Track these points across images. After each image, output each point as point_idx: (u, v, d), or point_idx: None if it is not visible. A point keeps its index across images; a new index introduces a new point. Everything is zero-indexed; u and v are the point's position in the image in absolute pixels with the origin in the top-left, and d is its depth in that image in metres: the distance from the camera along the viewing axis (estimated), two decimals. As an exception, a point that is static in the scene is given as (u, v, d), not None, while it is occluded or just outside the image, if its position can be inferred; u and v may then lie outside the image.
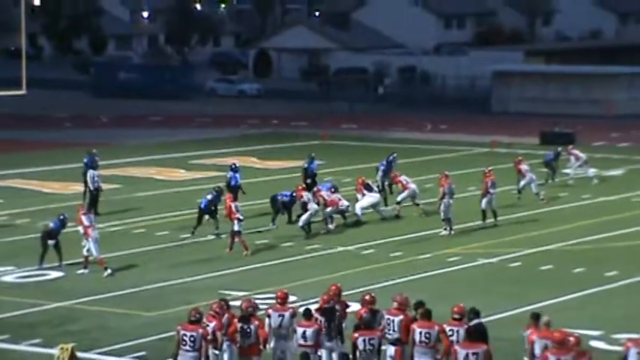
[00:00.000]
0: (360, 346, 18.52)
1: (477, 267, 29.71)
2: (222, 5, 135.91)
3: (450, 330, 18.34)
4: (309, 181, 38.05)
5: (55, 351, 22.01)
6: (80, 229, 28.86)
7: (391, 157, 39.52)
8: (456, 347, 17.78)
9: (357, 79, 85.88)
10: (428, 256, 30.72)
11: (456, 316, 18.49)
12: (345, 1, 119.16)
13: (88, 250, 28.58)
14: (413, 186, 36.05)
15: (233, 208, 30.80)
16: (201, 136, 58.52)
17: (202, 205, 32.77)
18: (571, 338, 17.54)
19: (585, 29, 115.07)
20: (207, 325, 19.12)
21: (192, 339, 18.47)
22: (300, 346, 19.02)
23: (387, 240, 32.71)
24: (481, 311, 19.09)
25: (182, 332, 18.56)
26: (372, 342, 18.53)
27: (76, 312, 25.35)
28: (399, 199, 36.23)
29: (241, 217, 30.83)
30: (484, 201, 34.33)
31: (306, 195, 33.32)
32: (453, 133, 60.09)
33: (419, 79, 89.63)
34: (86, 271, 28.64)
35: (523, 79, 73.77)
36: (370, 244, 32.22)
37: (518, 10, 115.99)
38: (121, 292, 26.93)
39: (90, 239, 28.49)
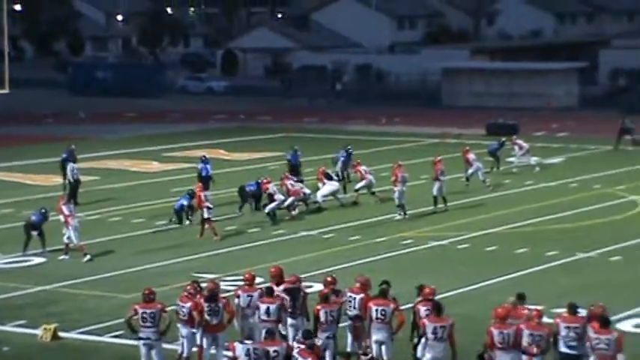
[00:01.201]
0: (322, 318, 18.71)
1: (428, 249, 29.78)
2: (192, 9, 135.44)
3: (426, 310, 18.32)
4: (292, 173, 37.28)
5: (38, 331, 21.95)
6: (61, 218, 28.70)
7: (350, 149, 39.52)
8: (425, 321, 17.88)
9: (317, 77, 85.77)
10: (384, 239, 30.76)
11: (430, 297, 18.53)
12: (305, 4, 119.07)
13: (69, 238, 28.41)
14: (370, 177, 36.07)
15: (203, 197, 30.73)
16: (173, 131, 58.28)
17: (176, 207, 32.55)
18: (533, 312, 17.69)
19: (526, 28, 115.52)
20: (183, 307, 19.11)
21: (152, 315, 18.64)
22: (263, 321, 19.03)
23: (346, 225, 32.73)
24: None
25: (141, 311, 18.68)
26: (332, 314, 18.80)
27: (58, 295, 25.21)
28: (357, 187, 36.25)
29: (211, 206, 30.75)
30: (435, 188, 34.42)
31: (272, 187, 33.26)
32: (406, 125, 60.15)
33: (374, 76, 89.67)
34: (67, 257, 28.48)
35: (470, 75, 73.97)
36: (331, 228, 32.22)
37: (464, 11, 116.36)
38: (99, 276, 26.79)
39: (70, 227, 28.33)
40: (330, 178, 35.91)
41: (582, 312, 18.16)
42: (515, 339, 17.34)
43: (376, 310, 18.54)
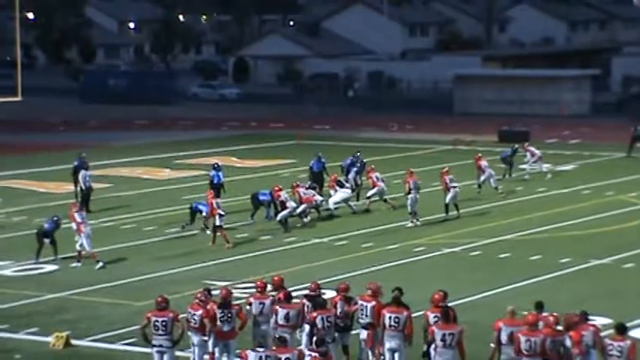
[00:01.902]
0: (319, 324, 18.70)
1: (441, 256, 29.70)
2: (204, 16, 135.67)
3: (434, 317, 18.20)
4: (309, 182, 37.07)
5: (50, 339, 21.93)
6: (73, 225, 28.71)
7: (359, 155, 39.39)
8: (434, 328, 17.78)
9: (329, 84, 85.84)
10: (396, 246, 30.69)
11: (438, 304, 18.40)
12: (317, 11, 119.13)
13: (81, 245, 28.41)
14: (382, 184, 35.95)
15: (215, 205, 30.71)
16: (185, 138, 58.31)
17: (194, 206, 32.45)
18: (550, 318, 17.54)
19: (538, 36, 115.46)
20: (194, 314, 19.07)
21: (164, 324, 18.63)
22: (280, 326, 18.99)
23: (359, 232, 32.66)
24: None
25: (154, 319, 18.69)
26: (329, 319, 18.79)
27: (70, 302, 25.20)
28: (368, 194, 36.18)
29: (223, 213, 30.72)
30: (448, 196, 34.31)
31: (284, 194, 33.19)
32: (418, 132, 60.08)
33: (386, 83, 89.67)
34: (79, 264, 28.47)
35: (482, 82, 73.86)
36: (343, 236, 32.16)
37: (475, 18, 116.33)
38: (111, 284, 26.77)
39: (82, 235, 28.32)
40: (341, 186, 35.86)
41: (594, 320, 18.05)
42: (542, 347, 17.16)
43: (389, 318, 18.43)
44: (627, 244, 30.62)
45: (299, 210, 33.28)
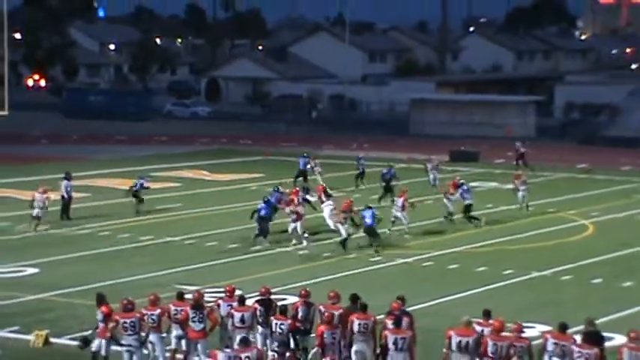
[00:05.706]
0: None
1: (395, 266, 29.81)
2: (179, 40, 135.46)
3: (392, 323, 18.15)
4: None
5: (30, 337, 21.81)
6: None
7: (306, 156, 38.66)
8: (386, 332, 17.82)
9: (294, 105, 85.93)
10: (354, 256, 30.76)
11: (396, 313, 18.48)
12: (284, 37, 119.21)
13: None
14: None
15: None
16: (160, 152, 58.14)
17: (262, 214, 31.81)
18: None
19: (488, 64, 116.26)
20: (152, 314, 19.00)
21: (132, 324, 18.60)
22: (237, 328, 19.02)
23: (321, 243, 32.67)
24: (399, 303, 19.15)
25: (122, 320, 18.63)
26: (281, 326, 18.59)
27: (49, 303, 25.08)
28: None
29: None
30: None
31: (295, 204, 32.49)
32: (376, 151, 60.20)
33: (347, 105, 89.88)
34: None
35: (436, 106, 74.24)
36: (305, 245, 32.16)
37: (430, 47, 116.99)
38: (89, 286, 26.58)
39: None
40: (329, 196, 35.17)
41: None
42: (508, 352, 17.08)
43: (359, 324, 18.38)
44: (566, 257, 30.88)
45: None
